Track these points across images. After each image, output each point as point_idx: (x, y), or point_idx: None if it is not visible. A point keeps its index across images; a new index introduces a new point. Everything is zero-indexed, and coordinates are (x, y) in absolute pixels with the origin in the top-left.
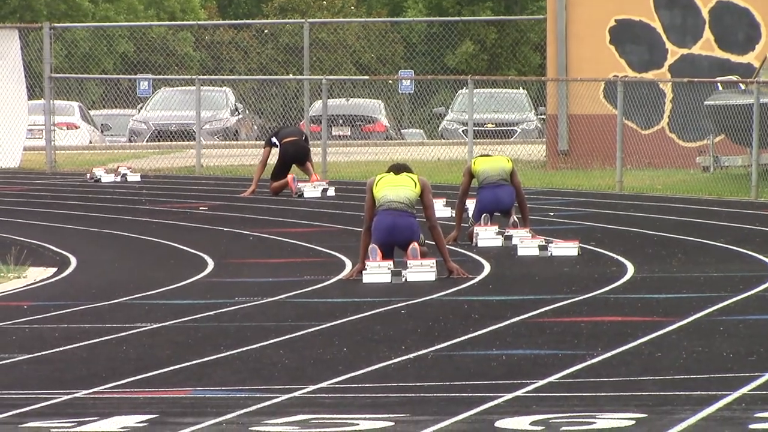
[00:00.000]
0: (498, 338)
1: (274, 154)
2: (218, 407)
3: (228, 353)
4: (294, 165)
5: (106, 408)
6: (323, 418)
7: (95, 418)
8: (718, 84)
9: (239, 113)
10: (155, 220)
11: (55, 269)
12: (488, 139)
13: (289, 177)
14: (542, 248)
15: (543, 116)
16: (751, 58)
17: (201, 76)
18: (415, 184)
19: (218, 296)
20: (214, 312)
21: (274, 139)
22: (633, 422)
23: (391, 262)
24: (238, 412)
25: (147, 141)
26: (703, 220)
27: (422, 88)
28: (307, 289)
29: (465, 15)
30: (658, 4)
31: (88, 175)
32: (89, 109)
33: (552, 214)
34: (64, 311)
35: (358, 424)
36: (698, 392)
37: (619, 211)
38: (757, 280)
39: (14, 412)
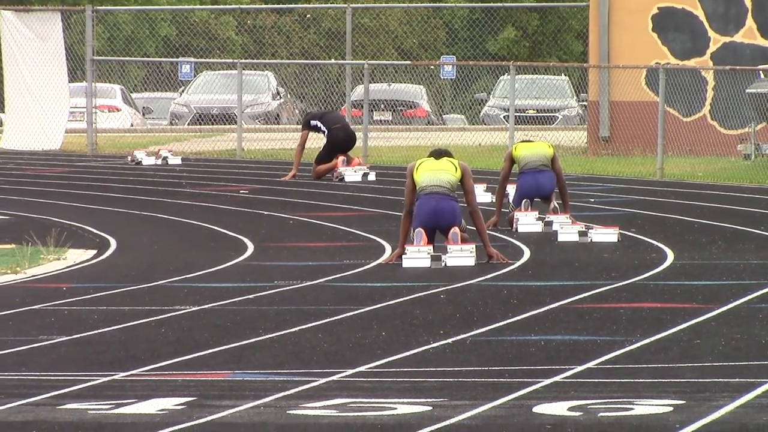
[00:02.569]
0: (537, 324)
1: (312, 138)
2: (256, 390)
3: (267, 336)
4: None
5: (144, 390)
6: (361, 402)
7: (133, 400)
8: (760, 72)
9: (281, 97)
10: (195, 203)
11: (94, 251)
12: (529, 125)
13: (339, 159)
14: (582, 234)
15: (584, 103)
16: None
17: (243, 60)
18: (456, 168)
19: (257, 279)
20: (254, 295)
21: (316, 123)
22: (671, 409)
23: (431, 247)
24: (277, 396)
25: (188, 124)
26: (743, 207)
27: (464, 73)
28: (346, 273)
29: (507, 1)
30: None
31: (129, 158)
32: (131, 92)
33: (592, 200)
34: (103, 293)
35: (396, 408)
36: (736, 379)
37: (659, 198)
38: None
39: (52, 393)
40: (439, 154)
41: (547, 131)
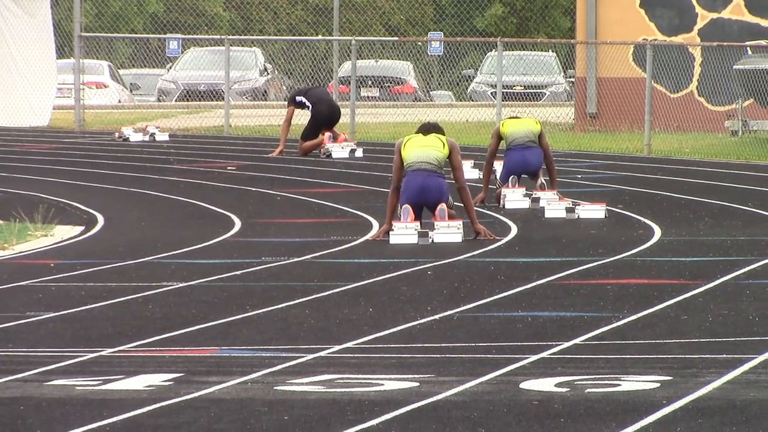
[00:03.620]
0: (524, 300)
1: (298, 114)
2: (243, 366)
3: (254, 313)
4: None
5: (132, 366)
6: (348, 378)
7: (120, 376)
8: (748, 48)
9: (268, 74)
10: (183, 179)
11: (82, 228)
12: (517, 101)
13: (325, 136)
14: (569, 210)
15: (572, 79)
16: None
17: (230, 37)
18: (444, 145)
19: (245, 256)
20: (241, 272)
21: (301, 99)
22: (658, 385)
23: (418, 223)
24: (264, 372)
25: (176, 100)
26: (730, 183)
27: (451, 50)
28: (333, 250)
29: None
30: None
31: (117, 134)
32: (118, 69)
33: (579, 176)
34: (90, 270)
35: (383, 385)
36: (724, 355)
37: (646, 174)
38: None
39: (40, 369)
40: (427, 129)
41: (534, 107)
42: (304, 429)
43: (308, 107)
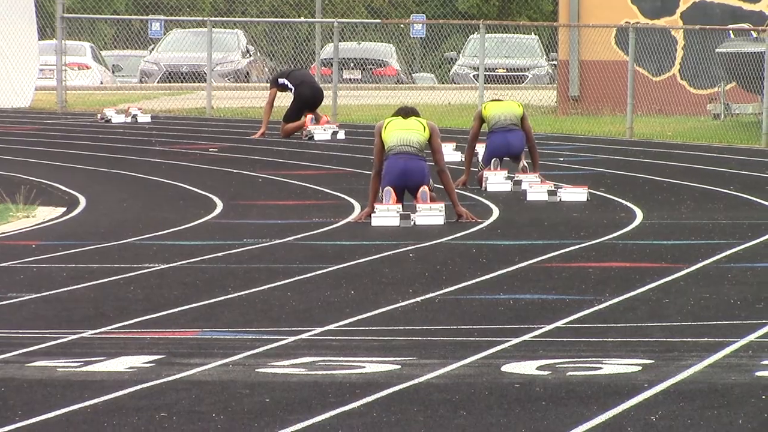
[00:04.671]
0: (506, 283)
1: (280, 96)
2: (225, 348)
3: (235, 294)
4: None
5: (113, 348)
6: (330, 361)
7: (102, 358)
8: (730, 32)
9: (250, 55)
10: (165, 161)
11: (64, 209)
12: (499, 84)
13: (306, 118)
14: (551, 193)
15: (554, 62)
16: (763, 5)
17: (212, 18)
18: (424, 128)
19: (227, 237)
20: (222, 253)
21: (284, 81)
22: (639, 368)
23: (400, 206)
24: (245, 354)
25: (158, 82)
26: (712, 167)
27: (434, 32)
28: (315, 232)
29: None
30: None
31: (99, 116)
32: (101, 50)
33: (562, 159)
34: (72, 251)
35: (364, 367)
36: (705, 339)
37: (628, 158)
38: (766, 227)
39: (21, 351)
40: (406, 113)
41: (516, 90)
42: (286, 411)
43: (291, 89)
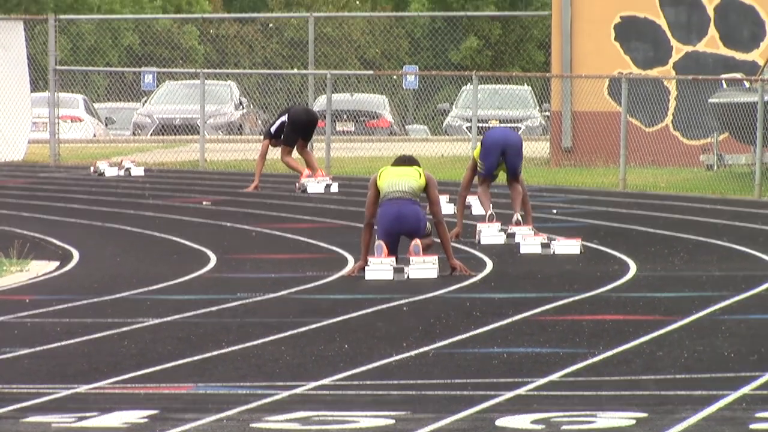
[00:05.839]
0: (499, 336)
1: (273, 149)
2: (219, 403)
3: (229, 349)
4: (301, 140)
5: (108, 403)
6: (324, 415)
7: (96, 413)
8: (723, 82)
9: (243, 107)
10: (158, 214)
11: (57, 263)
12: None
13: (305, 173)
14: (545, 246)
15: (547, 113)
16: (755, 55)
17: (205, 70)
18: (420, 175)
19: (220, 292)
20: (216, 308)
21: (278, 121)
22: (634, 421)
23: (393, 259)
24: (239, 409)
25: (151, 134)
26: (706, 218)
27: (426, 83)
28: (309, 286)
29: (469, 10)
30: (663, 1)
31: (92, 169)
32: (94, 102)
33: (555, 211)
34: (66, 305)
35: (359, 422)
36: (699, 391)
37: (622, 209)
38: (760, 279)
39: (16, 406)
40: (404, 161)
41: None
42: None
43: (285, 120)
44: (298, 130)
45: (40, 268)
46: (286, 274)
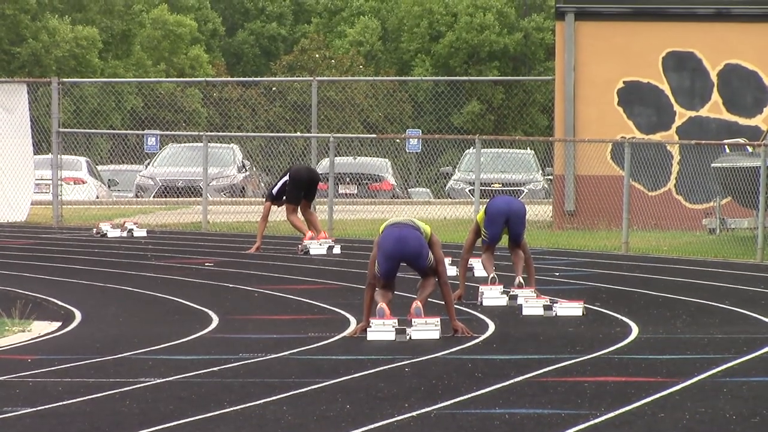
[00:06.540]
0: (501, 397)
1: (275, 211)
2: None
3: (231, 409)
4: (304, 200)
5: None
6: None
7: None
8: (725, 146)
9: (246, 170)
10: (161, 275)
11: (59, 323)
12: None
13: (308, 234)
14: (547, 308)
15: (550, 176)
16: (758, 121)
17: (208, 133)
18: (424, 226)
19: (222, 352)
20: (218, 368)
21: (279, 182)
22: None
23: (395, 320)
24: None
25: (154, 196)
26: (708, 281)
27: (429, 147)
28: (311, 346)
29: (472, 75)
30: (667, 67)
31: (95, 230)
32: (96, 164)
33: (557, 274)
34: (68, 365)
35: None
36: None
37: (624, 272)
38: (761, 342)
39: None
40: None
41: None
42: None
43: (287, 181)
44: (300, 187)
45: (42, 328)
46: (288, 334)
